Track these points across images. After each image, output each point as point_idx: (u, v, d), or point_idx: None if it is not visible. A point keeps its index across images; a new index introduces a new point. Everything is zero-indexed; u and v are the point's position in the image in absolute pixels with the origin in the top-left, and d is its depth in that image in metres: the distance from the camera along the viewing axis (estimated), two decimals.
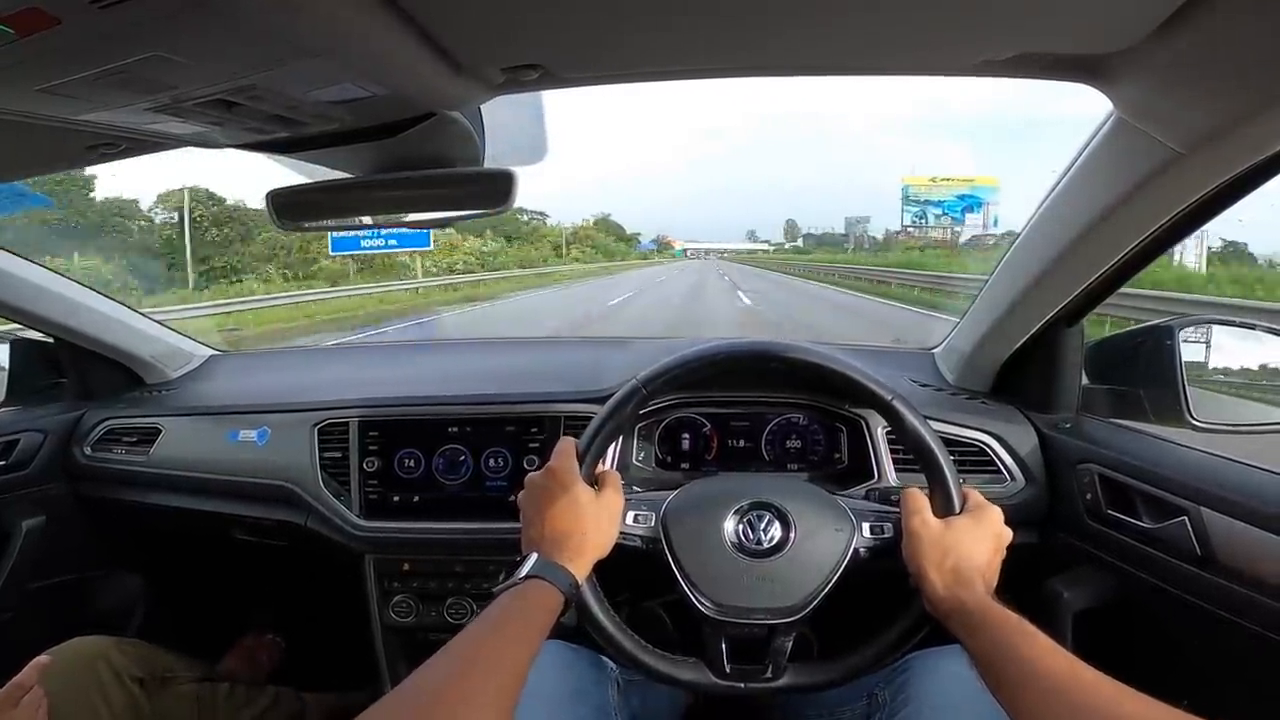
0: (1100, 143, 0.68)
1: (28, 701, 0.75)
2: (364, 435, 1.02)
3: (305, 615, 1.41)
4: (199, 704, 0.98)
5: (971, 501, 0.67)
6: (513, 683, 0.50)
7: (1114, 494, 0.83)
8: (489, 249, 27.57)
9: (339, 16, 0.43)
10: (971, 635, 0.57)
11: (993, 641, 0.55)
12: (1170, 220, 0.70)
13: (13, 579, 1.11)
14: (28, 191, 2.02)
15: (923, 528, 0.64)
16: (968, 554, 0.62)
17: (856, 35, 0.53)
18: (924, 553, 0.63)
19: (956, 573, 0.61)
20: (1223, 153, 0.59)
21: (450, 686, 0.48)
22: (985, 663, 0.55)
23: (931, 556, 0.62)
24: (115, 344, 1.21)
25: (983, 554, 0.63)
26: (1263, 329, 0.87)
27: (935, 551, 0.63)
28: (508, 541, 0.69)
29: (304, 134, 0.63)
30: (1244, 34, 0.46)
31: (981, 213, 35.96)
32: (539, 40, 0.52)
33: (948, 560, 0.62)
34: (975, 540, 0.64)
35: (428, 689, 0.48)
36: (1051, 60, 0.55)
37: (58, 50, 0.42)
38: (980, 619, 0.57)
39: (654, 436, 1.02)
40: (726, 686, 0.68)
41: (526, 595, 0.57)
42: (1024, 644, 0.53)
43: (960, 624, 0.58)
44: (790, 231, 76.31)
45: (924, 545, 0.63)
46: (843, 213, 74.87)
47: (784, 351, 0.76)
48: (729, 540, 0.70)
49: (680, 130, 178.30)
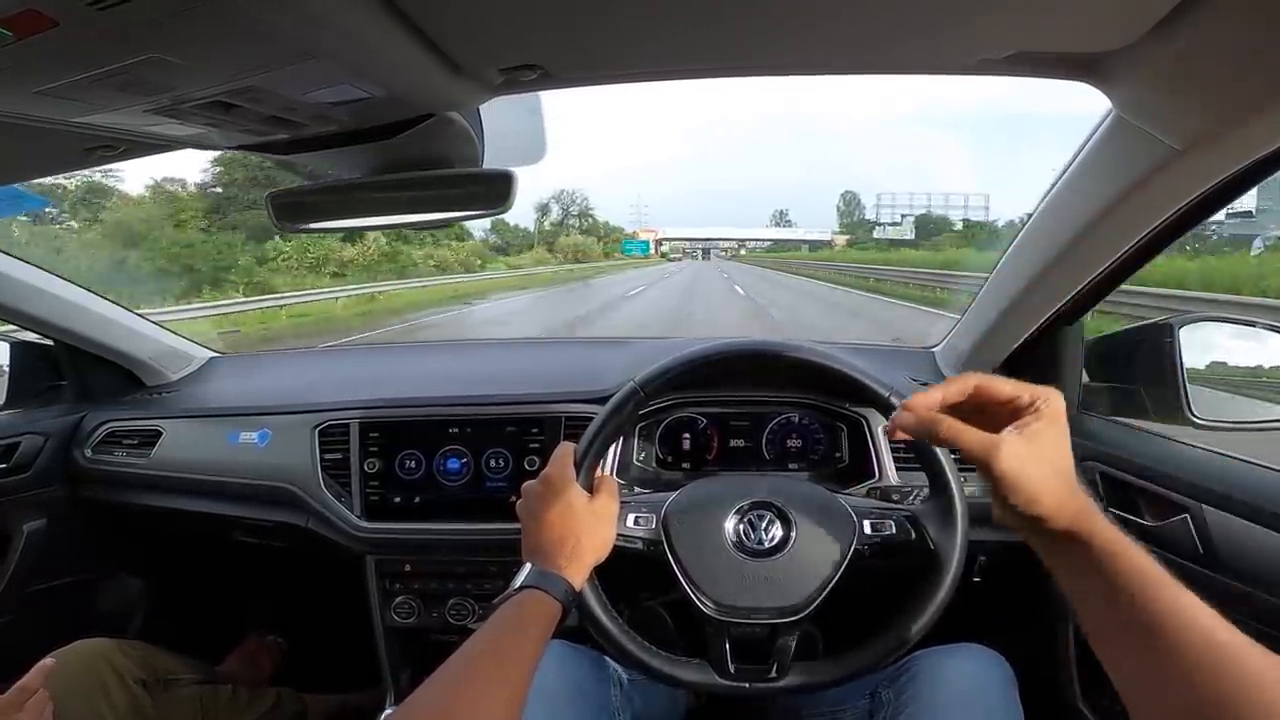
0: (1098, 141, 0.68)
1: (33, 704, 0.76)
2: (365, 437, 1.02)
3: (307, 617, 1.42)
4: (201, 706, 0.99)
5: (1031, 397, 0.50)
6: (515, 694, 0.50)
7: (1115, 492, 0.83)
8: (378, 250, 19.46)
9: (337, 18, 0.43)
10: (1101, 580, 0.45)
11: (1133, 588, 0.43)
12: (1169, 218, 0.70)
13: (14, 581, 1.12)
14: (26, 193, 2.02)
15: (1015, 456, 0.47)
16: (1069, 464, 0.49)
17: (853, 35, 0.53)
18: (1026, 474, 0.47)
19: (1071, 492, 0.48)
20: (1221, 150, 0.59)
21: (450, 704, 0.48)
22: (1115, 617, 0.44)
23: (1037, 480, 0.47)
24: (115, 346, 1.21)
25: (1071, 457, 0.50)
26: (1263, 326, 0.87)
27: (1038, 472, 0.47)
28: (509, 542, 0.69)
29: (303, 135, 0.63)
30: (1242, 32, 0.46)
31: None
32: (537, 41, 0.52)
33: (1051, 478, 0.47)
34: (1065, 440, 0.49)
35: (429, 707, 0.48)
36: (1049, 59, 0.55)
37: (56, 52, 0.42)
38: (1114, 548, 0.45)
39: (654, 437, 1.02)
40: (732, 687, 0.68)
41: (522, 606, 0.57)
42: (1183, 601, 0.42)
43: (1086, 564, 0.46)
44: (849, 212, 68.68)
45: (1025, 465, 0.47)
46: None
47: (783, 350, 0.76)
48: (730, 540, 0.70)
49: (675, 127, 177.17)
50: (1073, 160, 0.73)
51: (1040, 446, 0.48)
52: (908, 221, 55.42)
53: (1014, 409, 0.50)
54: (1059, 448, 0.49)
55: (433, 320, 11.13)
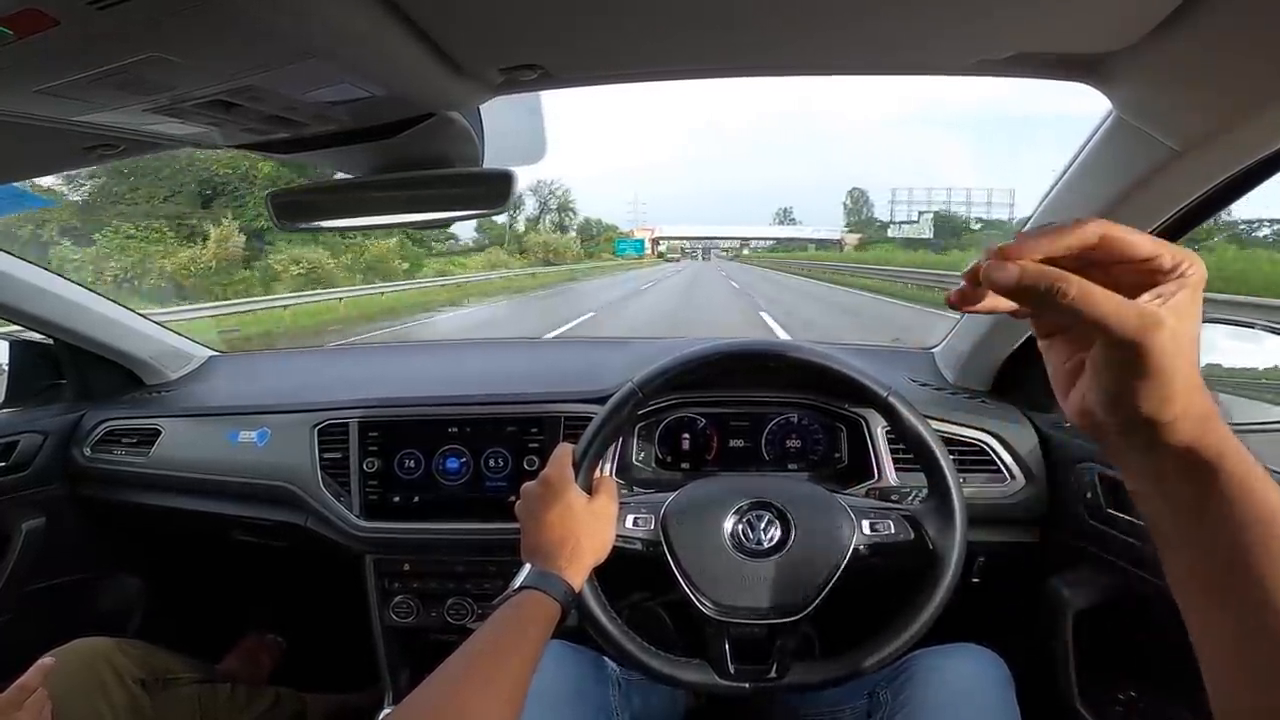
0: (1099, 142, 0.68)
1: (32, 703, 0.75)
2: (364, 436, 1.02)
3: (306, 616, 1.41)
4: (200, 705, 0.99)
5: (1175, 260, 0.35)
6: (514, 694, 0.50)
7: (1114, 493, 0.83)
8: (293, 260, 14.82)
9: (337, 17, 0.43)
10: (1224, 504, 0.34)
11: (1269, 513, 0.33)
12: (1169, 218, 0.70)
13: (13, 580, 1.12)
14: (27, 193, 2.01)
15: (1174, 337, 0.33)
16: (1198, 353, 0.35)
17: (853, 35, 0.53)
18: (1180, 363, 0.34)
19: (1202, 392, 0.35)
20: (1221, 151, 0.59)
21: (448, 704, 0.48)
22: (1232, 549, 0.33)
23: (1190, 368, 0.34)
24: (115, 345, 1.21)
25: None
26: (1261, 327, 0.87)
27: (1191, 357, 0.35)
28: (508, 542, 0.69)
29: (303, 134, 0.63)
30: (1242, 33, 0.46)
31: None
32: (537, 40, 0.52)
33: (1194, 371, 0.35)
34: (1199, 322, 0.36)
35: (427, 707, 0.48)
36: (1050, 59, 0.55)
37: (56, 51, 0.42)
38: (1247, 479, 0.34)
39: (654, 437, 1.02)
40: (731, 687, 0.68)
41: (522, 607, 0.57)
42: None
43: (1205, 484, 0.34)
44: (856, 210, 63.84)
45: (1181, 351, 0.34)
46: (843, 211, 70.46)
47: (783, 351, 0.76)
48: (729, 540, 0.70)
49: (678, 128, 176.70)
50: (1073, 161, 0.73)
51: (1190, 327, 0.35)
52: (925, 219, 50.96)
53: (1151, 270, 0.36)
54: (1197, 332, 0.35)
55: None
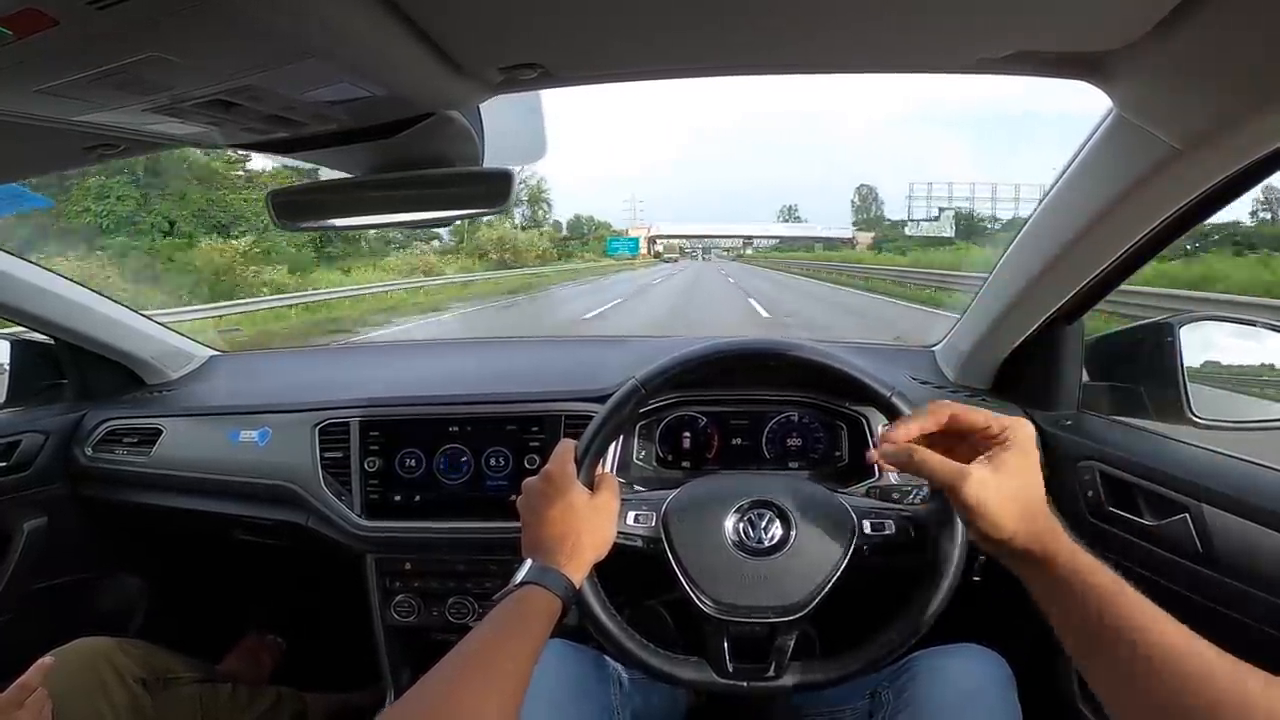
0: (1099, 140, 0.68)
1: (32, 702, 0.76)
2: (365, 435, 1.02)
3: (307, 615, 1.42)
4: (201, 705, 0.99)
5: (1000, 428, 0.54)
6: (513, 689, 0.50)
7: (1115, 491, 0.83)
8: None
9: (337, 17, 0.43)
10: (1066, 595, 0.49)
11: (1094, 601, 0.47)
12: (1169, 217, 0.70)
13: (14, 580, 1.12)
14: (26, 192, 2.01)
15: (981, 484, 0.51)
16: (1036, 491, 0.52)
17: (853, 34, 0.53)
18: (990, 502, 0.50)
19: (1034, 517, 0.51)
20: (1222, 149, 0.59)
21: (448, 698, 0.48)
22: (1082, 627, 0.47)
23: (1001, 506, 0.51)
24: (116, 345, 1.21)
25: (1039, 483, 0.53)
26: (1263, 325, 0.87)
27: (1002, 499, 0.51)
28: (509, 541, 0.69)
29: (303, 134, 0.63)
30: (1243, 31, 0.46)
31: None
32: (537, 39, 0.52)
33: (1015, 505, 0.51)
34: (1032, 469, 0.53)
35: (426, 701, 0.48)
36: (1050, 58, 0.55)
37: (56, 51, 0.42)
38: (1075, 566, 0.49)
39: (654, 435, 1.02)
40: (730, 685, 0.68)
41: (523, 602, 0.57)
42: (1138, 610, 0.46)
43: (1051, 581, 0.50)
44: (865, 208, 58.25)
45: (989, 493, 0.50)
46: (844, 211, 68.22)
47: (783, 349, 0.76)
48: (730, 539, 0.70)
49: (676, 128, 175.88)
50: (1073, 159, 0.73)
51: (1006, 475, 0.51)
52: (946, 216, 49.64)
53: (986, 437, 0.54)
54: (1025, 475, 0.52)
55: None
